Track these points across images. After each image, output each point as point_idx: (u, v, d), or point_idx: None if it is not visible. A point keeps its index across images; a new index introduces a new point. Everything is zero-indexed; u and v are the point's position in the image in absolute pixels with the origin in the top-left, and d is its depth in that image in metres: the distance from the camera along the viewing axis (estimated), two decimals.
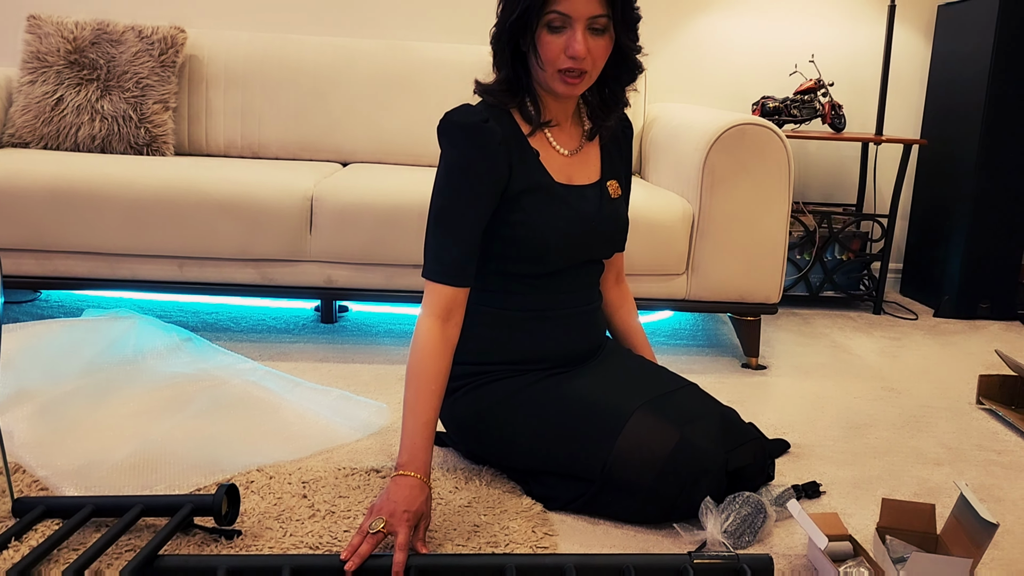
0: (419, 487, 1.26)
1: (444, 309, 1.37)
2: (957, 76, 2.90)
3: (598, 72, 1.39)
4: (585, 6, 1.31)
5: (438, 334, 1.36)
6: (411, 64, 2.71)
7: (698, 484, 1.35)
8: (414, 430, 1.31)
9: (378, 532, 1.18)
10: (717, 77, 3.08)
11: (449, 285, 1.37)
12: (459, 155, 1.37)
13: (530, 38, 1.34)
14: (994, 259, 2.84)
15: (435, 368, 1.34)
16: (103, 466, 1.46)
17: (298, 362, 2.11)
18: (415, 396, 1.32)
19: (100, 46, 2.50)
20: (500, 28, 1.38)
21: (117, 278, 2.14)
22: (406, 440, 1.30)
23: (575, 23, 1.31)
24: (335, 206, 2.09)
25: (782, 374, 2.21)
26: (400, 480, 1.26)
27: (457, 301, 1.38)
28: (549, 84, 1.38)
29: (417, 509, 1.23)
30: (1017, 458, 1.75)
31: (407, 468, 1.27)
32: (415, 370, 1.34)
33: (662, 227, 2.10)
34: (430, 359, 1.34)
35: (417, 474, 1.27)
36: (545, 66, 1.35)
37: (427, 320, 1.37)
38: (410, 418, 1.31)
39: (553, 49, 1.33)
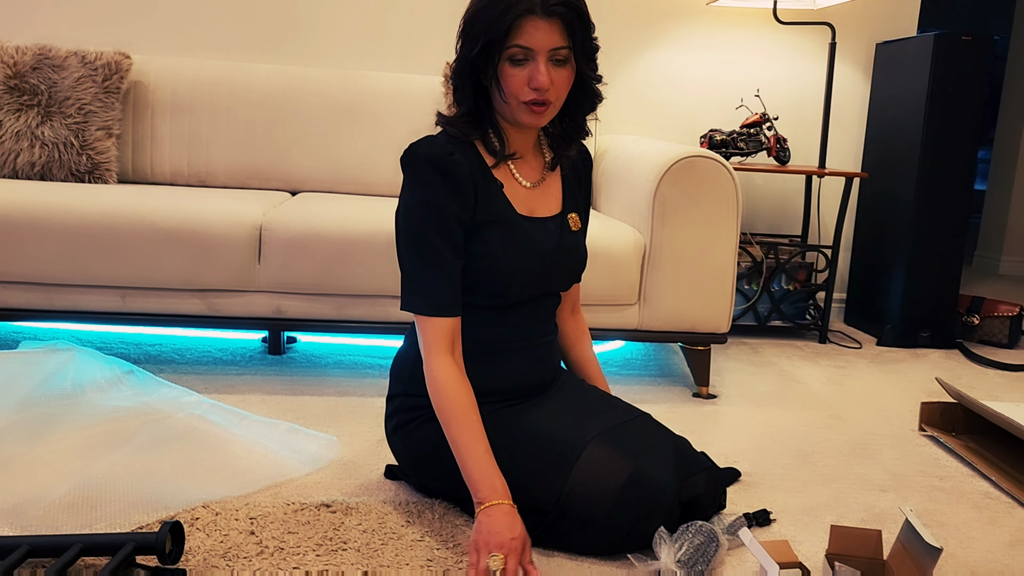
0: (511, 512, 1.28)
1: (448, 341, 1.38)
2: (895, 112, 3.00)
3: (561, 102, 1.41)
4: (546, 38, 1.32)
5: (453, 367, 1.38)
6: (362, 93, 2.70)
7: (652, 514, 1.35)
8: (478, 462, 1.32)
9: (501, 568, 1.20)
10: (666, 110, 3.14)
11: (447, 317, 1.37)
12: (427, 188, 1.36)
13: (492, 72, 1.35)
14: (933, 289, 2.92)
15: (467, 399, 1.36)
16: (40, 504, 1.41)
17: (245, 395, 2.07)
18: (461, 432, 1.34)
19: (42, 71, 2.44)
20: (461, 63, 1.38)
21: (56, 309, 2.08)
22: (475, 474, 1.31)
23: (537, 55, 1.33)
24: (285, 235, 2.06)
25: (732, 403, 2.23)
26: (491, 511, 1.27)
27: (456, 330, 1.40)
28: (514, 116, 1.39)
29: (521, 533, 1.25)
30: (958, 483, 1.78)
31: (491, 498, 1.28)
32: (451, 409, 1.35)
33: (614, 258, 2.12)
34: (458, 393, 1.36)
35: (504, 501, 1.28)
36: (509, 99, 1.36)
37: (438, 358, 1.37)
38: (468, 454, 1.33)
39: (516, 82, 1.34)
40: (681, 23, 3.09)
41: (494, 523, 1.25)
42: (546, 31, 1.32)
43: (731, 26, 3.11)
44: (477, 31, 1.34)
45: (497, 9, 1.31)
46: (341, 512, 1.47)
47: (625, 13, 3.06)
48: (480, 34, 1.33)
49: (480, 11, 1.34)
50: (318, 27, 2.94)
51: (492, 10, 1.32)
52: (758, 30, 3.11)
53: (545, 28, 1.32)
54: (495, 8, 1.32)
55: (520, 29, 1.31)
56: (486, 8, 1.33)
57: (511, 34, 1.31)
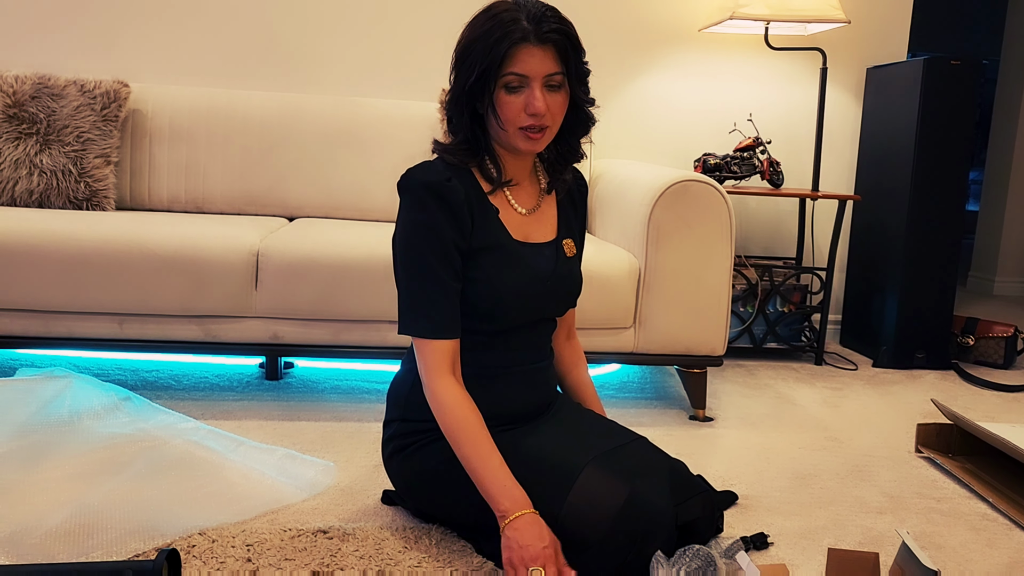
0: (536, 520, 1.29)
1: (449, 363, 1.39)
2: (886, 134, 3.03)
3: (558, 127, 1.42)
4: (541, 65, 1.35)
5: (456, 386, 1.39)
6: (358, 119, 2.72)
7: (648, 538, 1.34)
8: (494, 476, 1.33)
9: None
10: (660, 135, 3.17)
11: (447, 339, 1.39)
12: (424, 213, 1.38)
13: (488, 100, 1.37)
14: (928, 310, 2.94)
15: (474, 416, 1.37)
16: (36, 532, 1.40)
17: (242, 420, 2.07)
18: (473, 449, 1.35)
19: (41, 100, 2.46)
20: (457, 93, 1.40)
21: (53, 336, 2.08)
22: (493, 488, 1.32)
23: (532, 82, 1.35)
24: (281, 261, 2.07)
25: (729, 426, 2.23)
26: (517, 524, 1.28)
27: (456, 351, 1.41)
28: (511, 142, 1.40)
29: (551, 539, 1.27)
30: (955, 505, 1.79)
31: (514, 510, 1.30)
32: (459, 427, 1.36)
33: (609, 281, 2.13)
34: (464, 411, 1.37)
35: (527, 510, 1.30)
36: (506, 125, 1.38)
37: (440, 379, 1.38)
38: (482, 469, 1.34)
39: (513, 108, 1.36)
40: (674, 49, 3.13)
41: (523, 536, 1.27)
42: (540, 58, 1.34)
43: (723, 52, 3.15)
44: (472, 60, 1.35)
45: (492, 38, 1.33)
46: (338, 538, 1.46)
47: (618, 39, 3.10)
48: (476, 63, 1.35)
49: (474, 40, 1.36)
50: (314, 54, 2.97)
51: (487, 39, 1.34)
52: (750, 56, 3.15)
53: (539, 55, 1.34)
54: (490, 37, 1.34)
55: (515, 57, 1.33)
56: (481, 38, 1.35)
57: (506, 62, 1.33)
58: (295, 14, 2.94)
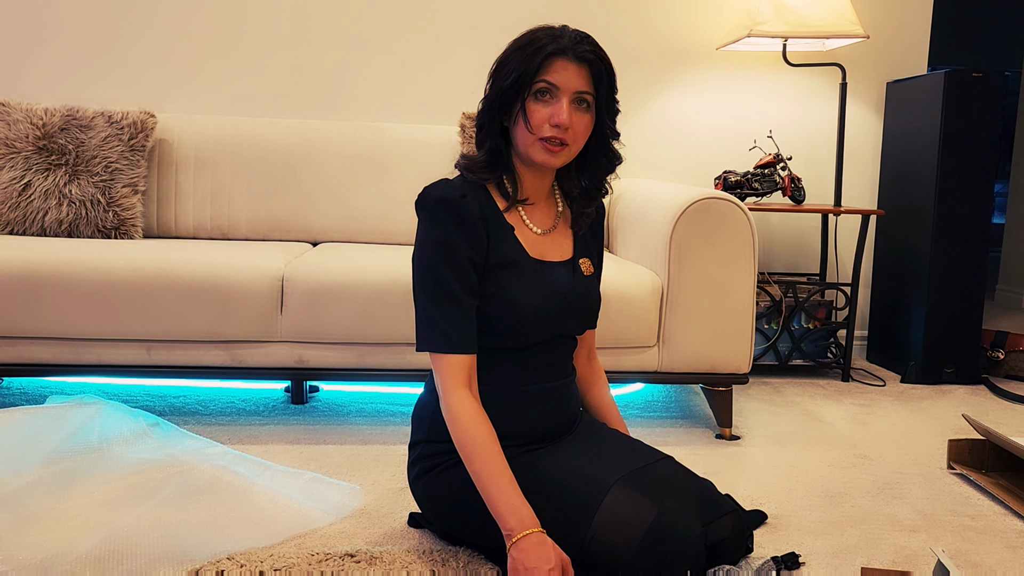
0: (542, 540, 1.28)
1: (465, 377, 1.39)
2: (909, 149, 3.01)
3: (578, 147, 1.44)
4: (573, 79, 1.39)
5: (472, 401, 1.39)
6: (379, 145, 2.75)
7: (678, 560, 1.33)
8: (503, 493, 1.32)
9: None
10: (679, 153, 3.17)
11: (463, 354, 1.39)
12: (439, 230, 1.39)
13: (520, 106, 1.40)
14: (956, 325, 2.90)
15: (487, 432, 1.37)
16: (67, 559, 1.41)
17: (268, 444, 2.08)
18: (484, 465, 1.34)
19: (69, 132, 2.51)
20: (490, 99, 1.43)
21: (83, 363, 2.11)
22: (501, 506, 1.32)
23: (561, 94, 1.38)
24: (306, 286, 2.09)
25: (756, 444, 2.21)
26: (522, 543, 1.27)
27: (473, 367, 1.41)
28: (529, 153, 1.42)
29: (558, 560, 1.26)
30: (991, 523, 1.75)
31: (520, 529, 1.29)
32: (471, 443, 1.36)
33: (632, 300, 2.13)
34: (478, 427, 1.36)
35: (534, 529, 1.29)
36: (530, 132, 1.40)
37: (456, 393, 1.38)
38: (492, 486, 1.33)
39: (539, 117, 1.39)
40: (692, 67, 3.14)
41: (528, 557, 1.26)
42: (574, 73, 1.39)
43: (742, 69, 3.15)
44: (510, 68, 1.40)
45: (532, 48, 1.39)
46: (365, 562, 1.46)
47: (637, 59, 3.11)
48: (513, 69, 1.39)
49: (515, 51, 1.41)
50: (335, 82, 3.00)
51: (527, 49, 1.39)
52: (769, 72, 3.15)
53: (573, 70, 1.39)
54: (530, 47, 1.39)
55: (550, 66, 1.38)
56: (522, 47, 1.40)
57: (541, 70, 1.38)
58: (316, 43, 2.98)
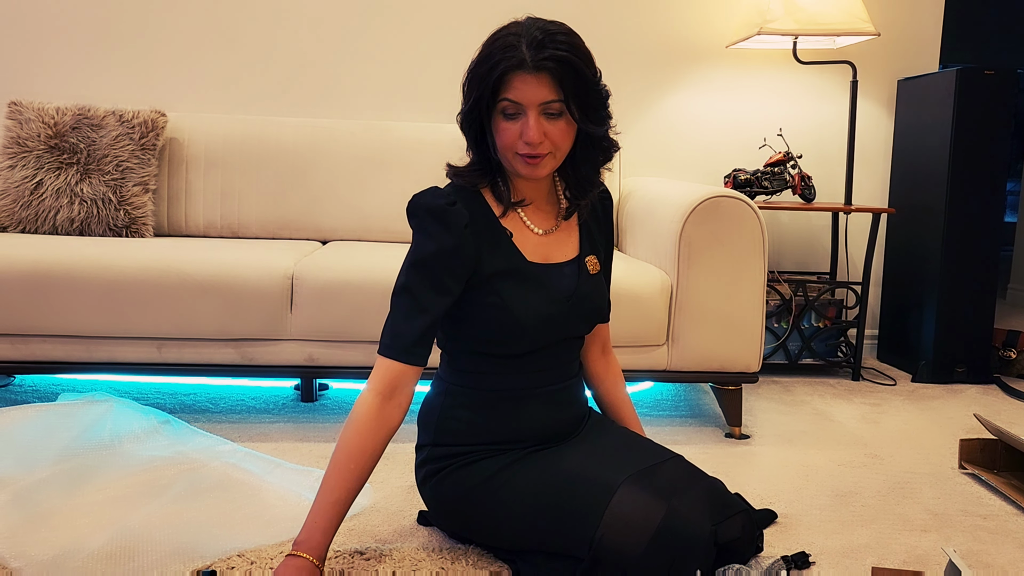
0: (308, 570, 1.24)
1: (388, 386, 1.35)
2: (920, 146, 3.00)
3: (563, 153, 1.40)
4: (535, 93, 1.32)
5: (375, 411, 1.34)
6: (388, 144, 2.76)
7: (687, 558, 1.33)
8: (320, 509, 1.29)
9: None
10: (689, 151, 3.17)
11: (396, 361, 1.36)
12: (425, 237, 1.38)
13: (488, 124, 1.37)
14: (967, 324, 2.89)
15: (361, 446, 1.32)
16: (79, 555, 1.42)
17: (278, 442, 2.08)
18: (334, 472, 1.31)
19: (81, 131, 2.52)
20: (463, 114, 1.40)
21: (94, 361, 2.12)
22: (310, 518, 1.28)
23: (527, 109, 1.33)
24: (315, 284, 2.09)
25: (766, 443, 2.21)
26: (290, 561, 1.24)
27: (403, 380, 1.37)
28: (512, 167, 1.40)
29: None
30: (1002, 523, 1.74)
31: (300, 548, 1.26)
32: (342, 446, 1.32)
33: (641, 299, 2.13)
34: (358, 437, 1.32)
35: (309, 556, 1.25)
36: (504, 152, 1.37)
37: (367, 395, 1.35)
38: (321, 495, 1.30)
39: (509, 135, 1.35)
40: (701, 66, 3.13)
41: (280, 569, 1.24)
42: (534, 86, 1.32)
43: (751, 67, 3.14)
44: (473, 84, 1.36)
45: (488, 64, 1.33)
46: (375, 559, 1.47)
47: (646, 57, 3.10)
48: (474, 88, 1.36)
49: (476, 65, 1.36)
50: (344, 81, 3.01)
51: (484, 65, 1.34)
52: (779, 70, 3.14)
53: (533, 83, 1.32)
54: (487, 63, 1.33)
55: (509, 84, 1.32)
56: (481, 63, 1.35)
57: (501, 89, 1.33)
58: (325, 42, 2.99)
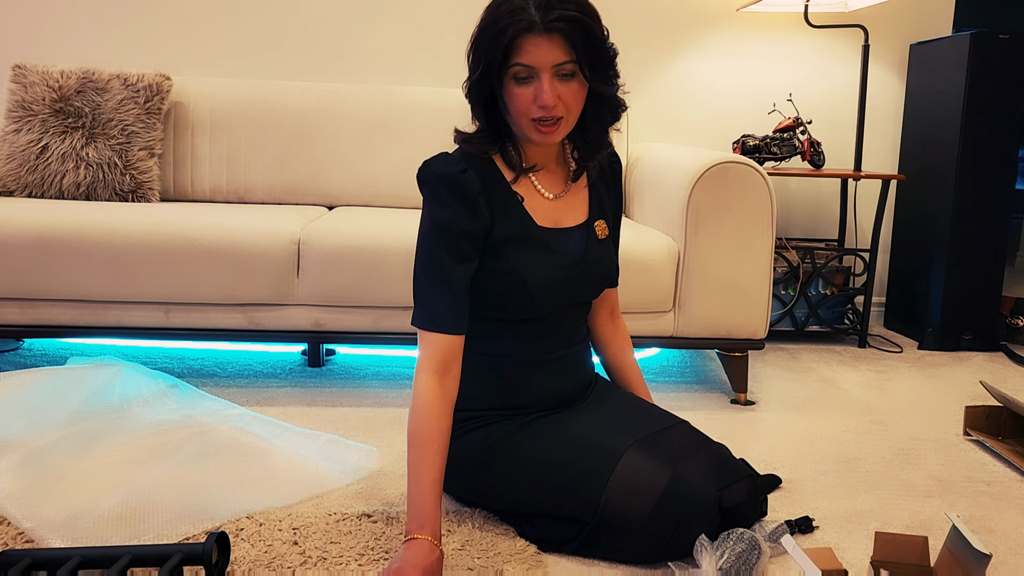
0: (430, 549, 1.23)
1: (440, 362, 1.35)
2: (931, 112, 2.96)
3: (575, 116, 1.39)
4: (547, 55, 1.30)
5: (436, 390, 1.34)
6: (395, 108, 2.74)
7: (691, 522, 1.34)
8: (420, 494, 1.28)
9: None
10: (698, 117, 3.14)
11: (443, 333, 1.36)
12: (439, 205, 1.37)
13: (499, 90, 1.35)
14: (975, 291, 2.88)
15: (436, 427, 1.32)
16: (90, 516, 1.44)
17: (286, 407, 2.10)
18: (418, 457, 1.30)
19: (85, 94, 2.51)
20: (471, 81, 1.38)
21: (102, 325, 2.13)
22: (414, 506, 1.28)
23: (540, 72, 1.31)
24: (322, 249, 2.09)
25: (771, 409, 2.21)
26: (411, 544, 1.23)
27: (453, 351, 1.36)
28: (525, 134, 1.38)
29: (428, 566, 1.20)
30: (1006, 489, 1.75)
31: (417, 533, 1.25)
32: (416, 431, 1.32)
33: (648, 265, 2.12)
34: (430, 418, 1.32)
35: (429, 537, 1.24)
36: (517, 118, 1.35)
37: (424, 376, 1.35)
38: (415, 482, 1.29)
39: (523, 100, 1.33)
40: (711, 29, 3.09)
41: (408, 555, 1.22)
42: (546, 47, 1.30)
43: (762, 31, 3.10)
44: (481, 51, 1.33)
45: (496, 29, 1.30)
46: (383, 522, 1.48)
47: (655, 21, 3.06)
48: (483, 54, 1.33)
49: (482, 31, 1.33)
50: (351, 44, 2.98)
51: (492, 30, 1.31)
52: (789, 34, 3.10)
53: (545, 45, 1.29)
54: (495, 28, 1.30)
55: (520, 47, 1.30)
56: (487, 28, 1.32)
57: (512, 53, 1.30)
58: (331, 6, 2.95)
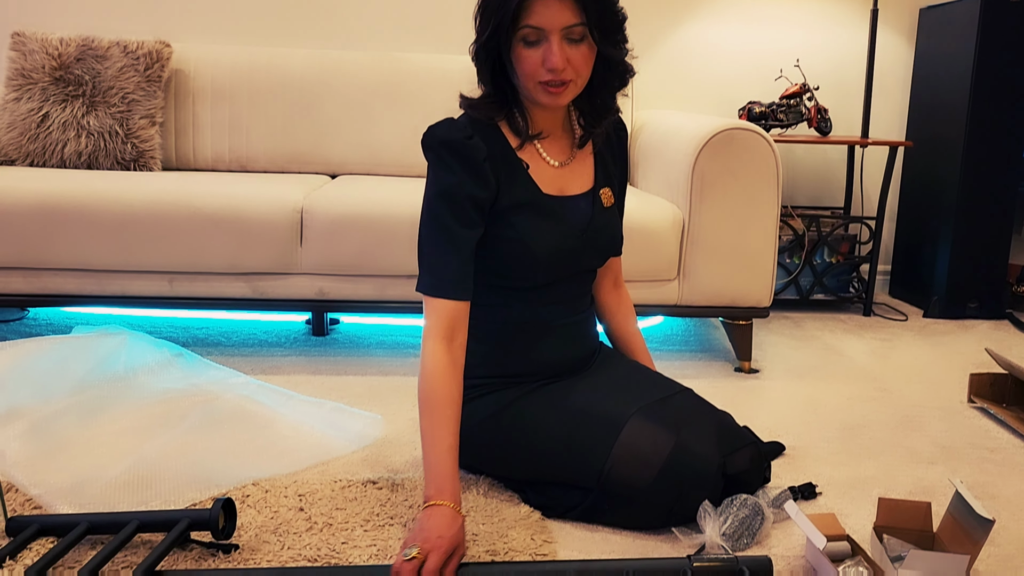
0: (452, 515, 1.22)
1: (447, 328, 1.34)
2: (941, 77, 2.93)
3: (584, 80, 1.37)
4: (558, 16, 1.29)
5: (444, 356, 1.33)
6: (398, 75, 2.71)
7: (695, 489, 1.35)
8: (437, 459, 1.27)
9: (413, 558, 1.14)
10: (703, 83, 3.10)
11: (449, 299, 1.35)
12: (444, 172, 1.36)
13: (508, 54, 1.33)
14: (982, 259, 2.86)
15: (447, 393, 1.31)
16: (97, 483, 1.45)
17: (290, 375, 2.10)
18: (431, 424, 1.29)
19: (85, 62, 2.49)
20: (478, 45, 1.36)
21: (106, 294, 2.13)
22: (431, 471, 1.27)
23: (550, 35, 1.30)
24: (325, 218, 2.09)
25: (775, 377, 2.21)
26: (431, 510, 1.23)
27: (459, 316, 1.36)
28: (533, 96, 1.37)
29: (452, 535, 1.19)
30: (1010, 455, 1.75)
31: (435, 499, 1.24)
32: (427, 397, 1.31)
33: (653, 233, 2.11)
34: (441, 384, 1.31)
35: (449, 503, 1.24)
36: (525, 80, 1.34)
37: (432, 343, 1.34)
38: (430, 448, 1.28)
39: (531, 63, 1.32)
40: None
41: (428, 520, 1.21)
42: (557, 9, 1.28)
43: None
44: (489, 13, 1.32)
45: None
46: (387, 488, 1.49)
47: None
48: (492, 16, 1.31)
49: None
50: (353, 10, 2.95)
51: None
52: None
53: (555, 6, 1.28)
54: None
55: (530, 9, 1.28)
56: None
57: (521, 15, 1.29)
58: None
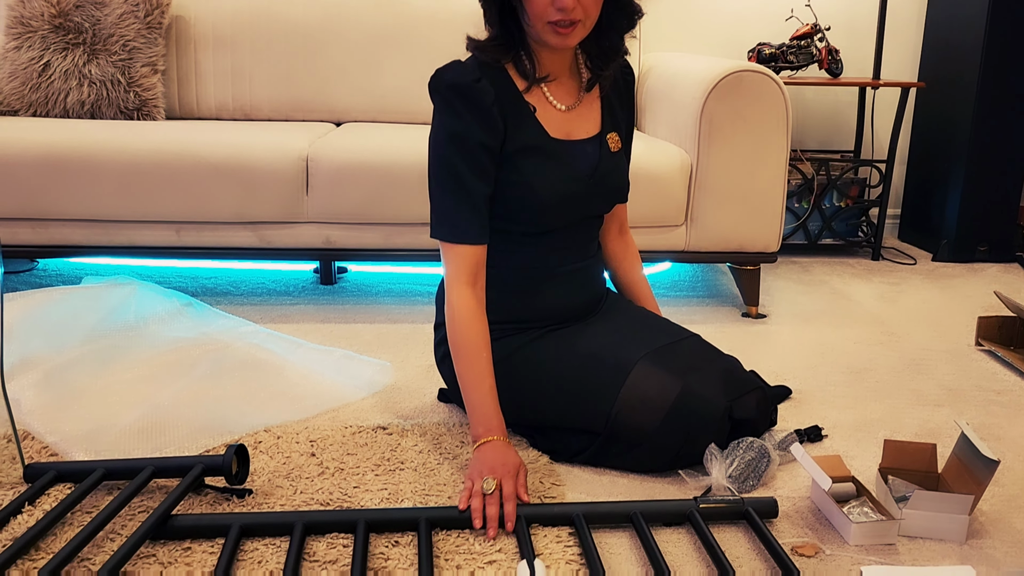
0: (504, 444, 1.31)
1: (469, 273, 1.37)
2: (955, 16, 2.87)
3: (592, 20, 1.35)
4: None
5: (472, 301, 1.37)
6: (403, 20, 2.67)
7: (701, 433, 1.36)
8: (480, 400, 1.34)
9: (494, 491, 1.22)
10: (712, 25, 3.05)
11: (469, 244, 1.37)
12: (452, 116, 1.35)
13: None
14: (992, 202, 2.84)
15: (480, 336, 1.36)
16: (112, 431, 1.47)
17: (299, 324, 2.12)
18: (469, 368, 1.35)
19: (84, 9, 2.45)
20: None
21: (114, 245, 2.14)
22: (476, 412, 1.33)
23: None
24: (331, 166, 2.07)
25: (782, 322, 2.21)
26: (486, 446, 1.30)
27: (480, 260, 1.39)
28: (541, 37, 1.35)
29: (514, 462, 1.27)
30: (1016, 397, 1.76)
31: (487, 435, 1.31)
32: (461, 342, 1.35)
33: (660, 179, 2.09)
34: (472, 329, 1.36)
35: (498, 437, 1.31)
36: (534, 21, 1.32)
37: (458, 288, 1.37)
38: (473, 390, 1.34)
39: (540, 2, 1.29)
40: None
41: (485, 455, 1.28)
42: None
43: None
44: None
45: None
46: (397, 434, 1.51)
47: None
48: None
49: None
50: None
51: None
52: None
53: None
54: None
55: None
56: None
57: None
58: None
